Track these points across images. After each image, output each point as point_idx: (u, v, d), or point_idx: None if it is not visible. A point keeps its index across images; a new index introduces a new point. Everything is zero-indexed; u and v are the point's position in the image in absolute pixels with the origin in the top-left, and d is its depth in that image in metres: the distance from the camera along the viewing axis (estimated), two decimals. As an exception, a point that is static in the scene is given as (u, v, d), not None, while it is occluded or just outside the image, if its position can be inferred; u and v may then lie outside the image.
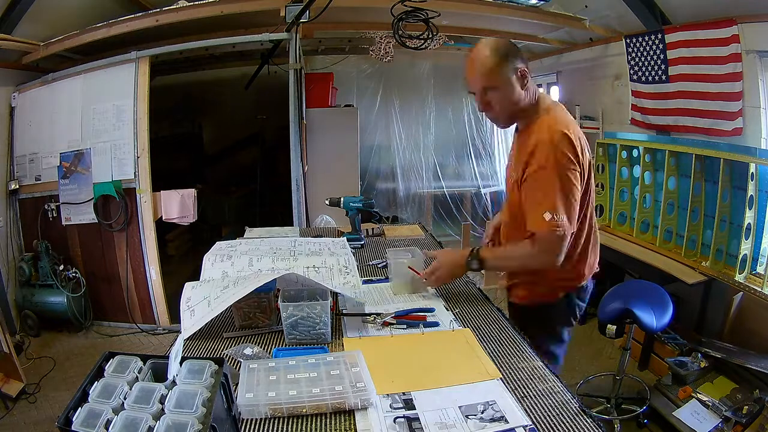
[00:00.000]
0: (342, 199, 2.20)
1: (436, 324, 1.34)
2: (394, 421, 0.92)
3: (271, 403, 0.95)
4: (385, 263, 1.89)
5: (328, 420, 0.94)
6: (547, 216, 1.28)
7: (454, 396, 1.00)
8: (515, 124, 1.47)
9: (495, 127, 5.56)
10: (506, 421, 0.91)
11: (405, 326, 1.32)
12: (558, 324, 1.56)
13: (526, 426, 0.90)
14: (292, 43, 3.30)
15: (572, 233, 1.34)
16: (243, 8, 3.10)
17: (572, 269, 1.48)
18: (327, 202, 2.22)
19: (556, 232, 1.29)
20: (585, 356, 3.00)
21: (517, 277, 1.57)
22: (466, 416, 0.93)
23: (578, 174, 1.31)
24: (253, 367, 1.06)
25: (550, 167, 1.28)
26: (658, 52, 3.15)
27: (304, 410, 0.96)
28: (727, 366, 2.37)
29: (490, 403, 0.97)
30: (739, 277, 2.51)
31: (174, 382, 0.81)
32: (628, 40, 3.40)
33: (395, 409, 0.96)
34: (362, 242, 2.15)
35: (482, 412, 0.94)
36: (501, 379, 1.06)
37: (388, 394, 1.00)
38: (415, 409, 0.96)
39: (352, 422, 0.93)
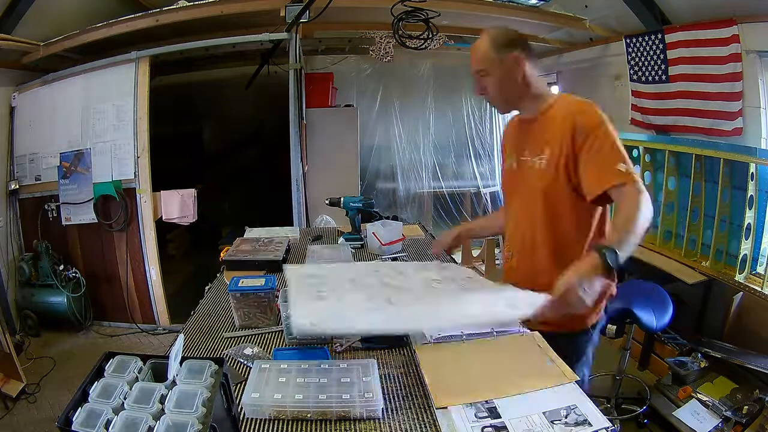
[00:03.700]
0: (342, 199, 2.20)
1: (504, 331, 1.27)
2: (482, 430, 0.92)
3: (276, 405, 0.95)
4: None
5: (331, 427, 0.94)
6: (622, 167, 1.17)
7: (536, 402, 0.99)
8: (517, 113, 1.45)
9: (494, 127, 5.57)
10: (590, 424, 0.91)
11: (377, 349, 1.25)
12: (591, 345, 1.42)
13: (608, 428, 0.90)
14: (292, 43, 3.30)
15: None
16: (243, 8, 3.10)
17: None
18: (327, 202, 2.22)
19: (637, 182, 1.16)
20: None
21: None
22: (551, 421, 0.93)
23: None
24: (264, 367, 1.06)
25: (606, 124, 1.22)
26: (658, 52, 3.15)
27: (309, 415, 0.95)
28: (727, 366, 2.37)
29: (572, 407, 0.96)
30: (739, 277, 2.51)
31: (174, 382, 0.81)
32: (628, 40, 3.40)
33: (481, 418, 0.95)
34: (362, 242, 2.15)
35: (566, 417, 0.94)
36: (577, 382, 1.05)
37: (471, 403, 0.98)
38: (500, 417, 0.95)
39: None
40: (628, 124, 3.58)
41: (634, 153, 3.30)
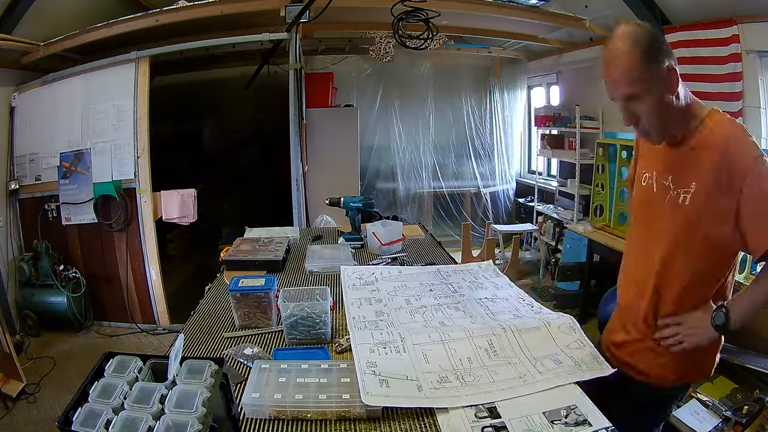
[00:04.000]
0: (342, 199, 2.20)
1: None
2: (482, 430, 0.91)
3: (276, 405, 0.95)
4: (380, 262, 1.89)
5: (331, 427, 0.94)
6: None
7: (536, 402, 0.99)
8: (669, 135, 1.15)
9: (494, 127, 5.57)
10: (590, 424, 0.91)
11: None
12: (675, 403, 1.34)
13: (608, 428, 0.90)
14: (292, 43, 3.30)
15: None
16: (243, 8, 3.10)
17: None
18: (327, 202, 2.22)
19: None
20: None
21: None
22: (551, 421, 0.92)
23: None
24: (264, 367, 1.06)
25: (765, 158, 1.04)
26: (658, 52, 3.15)
27: (309, 415, 0.95)
28: (727, 366, 2.37)
29: (572, 407, 0.96)
30: (739, 277, 2.50)
31: (174, 382, 0.81)
32: (628, 40, 3.40)
33: (481, 418, 0.95)
34: (362, 242, 2.15)
35: (566, 417, 0.94)
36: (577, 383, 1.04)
37: (471, 405, 0.98)
38: (500, 417, 0.95)
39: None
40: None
41: (634, 153, 3.30)
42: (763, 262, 1.09)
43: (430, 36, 2.59)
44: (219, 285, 1.72)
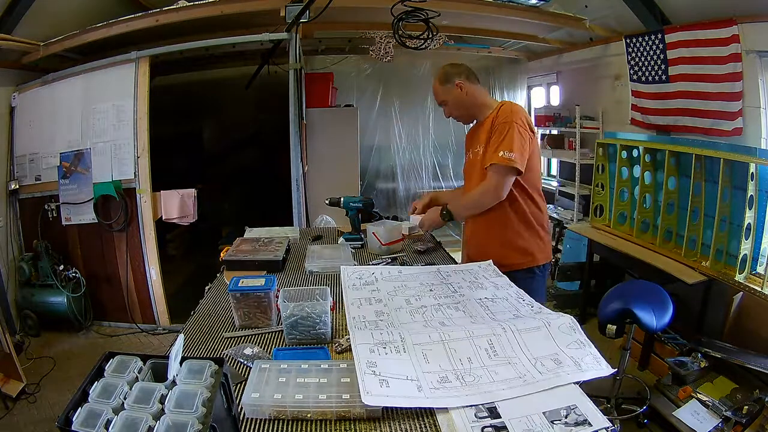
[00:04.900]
0: (342, 199, 2.20)
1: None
2: (482, 430, 0.91)
3: (276, 405, 0.95)
4: (380, 262, 1.89)
5: (331, 427, 0.94)
6: (502, 153, 1.73)
7: (536, 402, 0.98)
8: (475, 119, 1.98)
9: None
10: (590, 424, 0.91)
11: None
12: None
13: (608, 428, 0.90)
14: (292, 43, 3.30)
15: (521, 172, 1.76)
16: (243, 8, 3.10)
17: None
18: (327, 202, 2.22)
19: (508, 164, 1.72)
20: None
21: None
22: (551, 421, 0.92)
23: (529, 134, 1.78)
24: (264, 367, 1.06)
25: (509, 122, 1.74)
26: (658, 52, 3.15)
27: (309, 415, 0.95)
28: (727, 366, 2.37)
29: (572, 407, 0.96)
30: (739, 277, 2.51)
31: (174, 382, 0.81)
32: (628, 40, 3.40)
33: (481, 418, 0.94)
34: (362, 242, 2.15)
35: (566, 417, 0.93)
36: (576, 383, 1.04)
37: (471, 404, 0.98)
38: (500, 417, 0.94)
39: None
40: (628, 124, 3.58)
41: (635, 153, 3.30)
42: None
43: (430, 36, 2.58)
44: (219, 285, 1.72)
